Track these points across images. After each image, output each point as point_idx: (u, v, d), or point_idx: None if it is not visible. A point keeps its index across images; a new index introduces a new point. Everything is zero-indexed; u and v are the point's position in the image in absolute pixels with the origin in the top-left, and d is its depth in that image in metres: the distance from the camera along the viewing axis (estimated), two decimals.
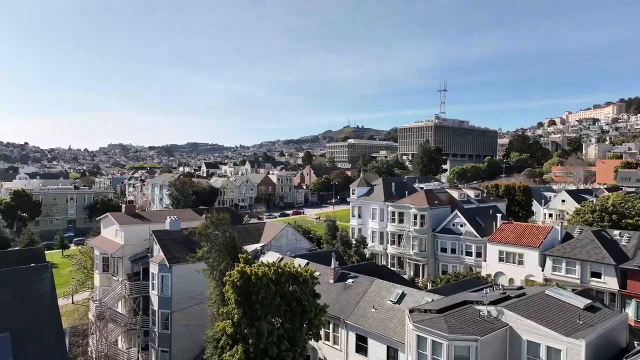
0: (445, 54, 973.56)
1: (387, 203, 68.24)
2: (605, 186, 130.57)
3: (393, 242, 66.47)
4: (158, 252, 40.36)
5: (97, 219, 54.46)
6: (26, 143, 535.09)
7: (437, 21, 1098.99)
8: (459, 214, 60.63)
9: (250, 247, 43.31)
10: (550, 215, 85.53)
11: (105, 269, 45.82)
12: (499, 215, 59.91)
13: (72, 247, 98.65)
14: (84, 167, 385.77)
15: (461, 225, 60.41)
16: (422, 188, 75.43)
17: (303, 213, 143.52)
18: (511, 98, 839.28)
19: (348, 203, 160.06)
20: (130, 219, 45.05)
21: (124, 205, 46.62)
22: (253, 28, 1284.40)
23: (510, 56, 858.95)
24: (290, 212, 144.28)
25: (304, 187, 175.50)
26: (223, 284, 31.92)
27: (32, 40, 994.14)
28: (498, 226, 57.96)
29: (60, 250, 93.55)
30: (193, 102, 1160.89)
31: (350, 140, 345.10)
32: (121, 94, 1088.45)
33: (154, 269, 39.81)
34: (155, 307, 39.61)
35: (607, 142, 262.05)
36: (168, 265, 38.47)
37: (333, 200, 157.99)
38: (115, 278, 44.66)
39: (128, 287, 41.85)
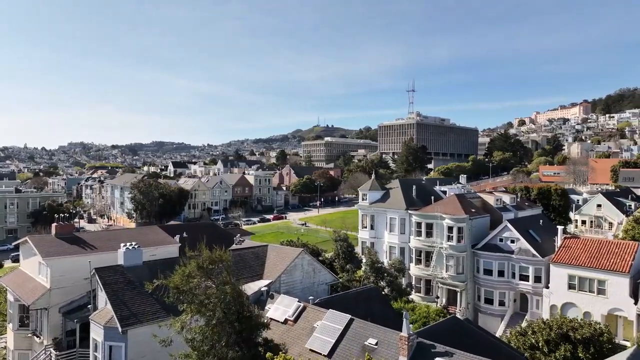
0: (411, 56, 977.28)
1: (409, 212, 54.34)
2: (612, 187, 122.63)
3: (418, 261, 52.51)
4: (105, 305, 24.81)
5: (13, 244, 37.70)
6: None
7: (402, 24, 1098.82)
8: (509, 225, 47.28)
9: (251, 288, 28.39)
10: (584, 222, 73.69)
11: (24, 322, 29.76)
12: (559, 227, 47.00)
13: (9, 263, 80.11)
14: (41, 167, 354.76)
15: (512, 241, 47.12)
16: (445, 192, 62.26)
17: (285, 218, 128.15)
18: (476, 99, 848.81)
19: (334, 206, 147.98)
20: (63, 246, 28.96)
21: (54, 225, 30.36)
22: (218, 26, 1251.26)
23: (473, 59, 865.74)
24: (270, 216, 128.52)
25: (284, 188, 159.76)
26: None
27: None
28: (561, 242, 45.19)
29: None
30: (158, 100, 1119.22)
31: (327, 139, 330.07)
32: (82, 91, 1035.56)
33: (97, 334, 24.21)
34: None
35: (589, 142, 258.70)
36: (120, 329, 23.07)
37: (318, 203, 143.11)
38: (37, 339, 28.69)
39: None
